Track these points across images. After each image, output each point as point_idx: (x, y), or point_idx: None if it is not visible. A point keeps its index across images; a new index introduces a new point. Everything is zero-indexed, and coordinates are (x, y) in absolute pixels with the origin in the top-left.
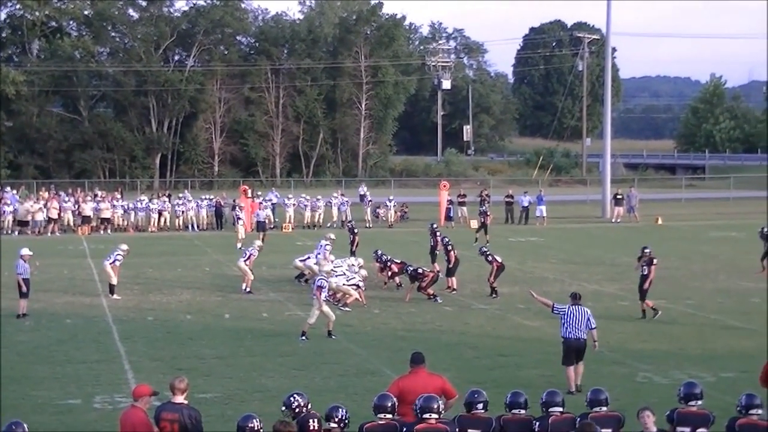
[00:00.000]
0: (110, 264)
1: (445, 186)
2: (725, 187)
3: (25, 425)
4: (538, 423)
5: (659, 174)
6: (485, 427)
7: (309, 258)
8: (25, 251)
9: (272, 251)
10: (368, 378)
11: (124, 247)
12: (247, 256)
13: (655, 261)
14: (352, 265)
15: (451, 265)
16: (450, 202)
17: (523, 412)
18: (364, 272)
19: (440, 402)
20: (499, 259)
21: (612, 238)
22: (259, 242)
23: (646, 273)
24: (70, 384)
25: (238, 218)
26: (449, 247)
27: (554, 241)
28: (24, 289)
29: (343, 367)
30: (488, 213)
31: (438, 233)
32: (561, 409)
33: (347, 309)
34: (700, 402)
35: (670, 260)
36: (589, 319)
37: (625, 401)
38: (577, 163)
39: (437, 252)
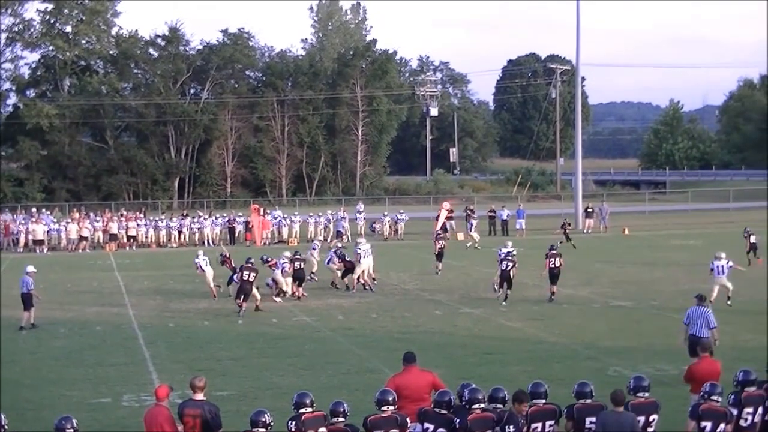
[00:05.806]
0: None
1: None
2: (684, 200)
3: (74, 420)
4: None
5: (625, 189)
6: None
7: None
8: (30, 268)
9: None
10: (368, 375)
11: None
12: (280, 269)
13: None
14: None
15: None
16: (449, 218)
17: (589, 401)
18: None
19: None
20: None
21: (584, 248)
22: (288, 253)
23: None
24: (101, 384)
25: (339, 232)
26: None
27: (532, 251)
28: (31, 301)
29: (345, 366)
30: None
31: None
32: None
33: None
34: (647, 393)
35: (637, 266)
36: (707, 318)
37: (599, 394)
38: (552, 180)
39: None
